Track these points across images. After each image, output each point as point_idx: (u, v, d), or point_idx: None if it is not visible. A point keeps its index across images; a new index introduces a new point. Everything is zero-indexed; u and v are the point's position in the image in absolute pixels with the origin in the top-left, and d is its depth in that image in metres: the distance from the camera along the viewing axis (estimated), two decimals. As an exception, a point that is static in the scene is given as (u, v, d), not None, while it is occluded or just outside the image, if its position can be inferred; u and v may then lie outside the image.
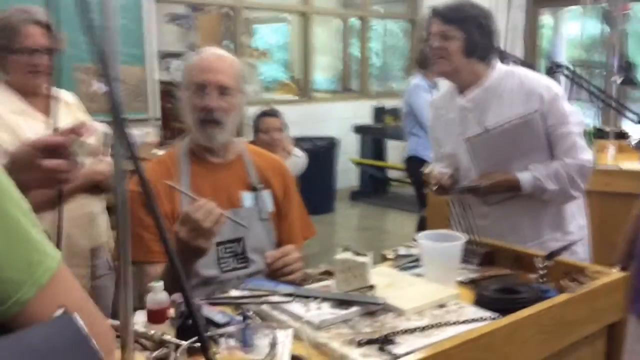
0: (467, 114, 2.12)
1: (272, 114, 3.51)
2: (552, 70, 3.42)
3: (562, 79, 3.75)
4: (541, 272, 1.49)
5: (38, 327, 0.62)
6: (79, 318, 0.62)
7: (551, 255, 1.55)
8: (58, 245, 1.21)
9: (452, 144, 2.19)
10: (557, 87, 2.08)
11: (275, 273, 1.66)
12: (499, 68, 2.11)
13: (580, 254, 2.12)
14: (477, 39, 2.01)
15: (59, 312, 0.86)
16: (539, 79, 2.09)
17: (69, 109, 2.30)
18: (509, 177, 2.04)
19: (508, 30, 4.68)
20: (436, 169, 2.20)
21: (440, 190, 2.16)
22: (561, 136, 2.04)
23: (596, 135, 3.79)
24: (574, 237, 2.14)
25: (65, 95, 2.31)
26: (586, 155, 2.06)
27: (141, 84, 4.93)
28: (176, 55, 7.12)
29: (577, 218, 2.20)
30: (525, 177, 2.03)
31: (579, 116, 2.12)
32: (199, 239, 1.52)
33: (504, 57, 3.83)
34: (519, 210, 2.11)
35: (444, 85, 2.28)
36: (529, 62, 4.59)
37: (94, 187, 2.23)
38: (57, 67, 1.18)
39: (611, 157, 3.41)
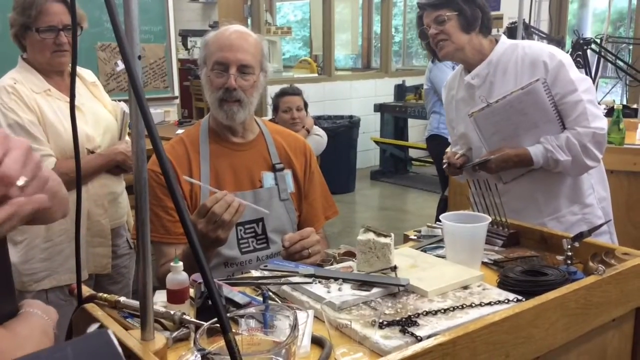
0: (474, 91, 2.10)
1: (293, 92, 3.49)
2: (579, 45, 3.33)
3: (589, 54, 3.65)
4: (568, 253, 1.46)
5: (73, 342, 0.61)
6: (112, 334, 0.61)
7: (578, 237, 1.51)
8: (77, 225, 1.20)
9: (463, 123, 2.17)
10: (561, 54, 2.04)
11: (292, 256, 1.65)
12: (503, 42, 2.09)
13: (603, 227, 2.07)
14: (468, 13, 2.01)
15: (94, 327, 0.84)
16: (542, 48, 2.06)
17: (90, 88, 2.29)
18: (520, 151, 2.01)
19: (533, 4, 4.55)
20: (450, 150, 2.19)
21: (452, 169, 2.16)
22: (570, 105, 1.99)
23: (623, 113, 3.70)
24: (593, 210, 2.12)
25: (86, 74, 2.31)
26: (598, 122, 2.00)
27: (162, 62, 4.92)
28: (196, 32, 7.11)
29: (596, 190, 2.16)
30: (536, 150, 2.00)
31: (588, 82, 2.06)
32: (218, 230, 1.53)
33: (529, 32, 3.75)
34: (535, 186, 2.10)
35: None
36: (556, 38, 4.47)
37: (115, 167, 2.23)
38: (78, 46, 1.16)
39: (639, 135, 3.32)
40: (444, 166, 2.19)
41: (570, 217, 2.10)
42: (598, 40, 3.67)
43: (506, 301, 1.30)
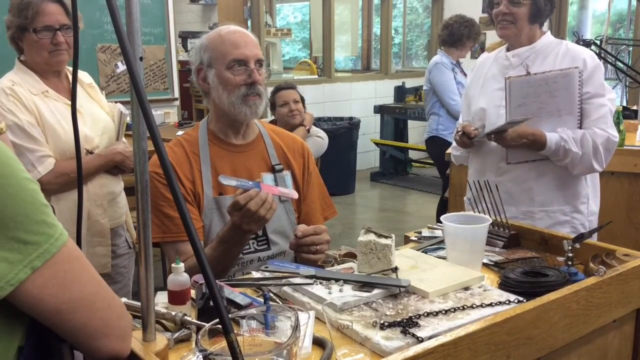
0: (508, 71, 2.19)
1: (287, 86, 3.52)
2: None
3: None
4: (569, 254, 1.46)
5: None
6: None
7: (579, 238, 1.51)
8: (79, 225, 1.21)
9: (486, 98, 2.24)
10: (599, 60, 2.16)
11: (300, 248, 1.68)
12: (549, 36, 2.20)
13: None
14: (542, 6, 2.10)
15: None
16: (584, 49, 2.19)
17: (87, 90, 2.30)
18: (536, 132, 2.07)
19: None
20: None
21: (464, 139, 2.22)
22: (595, 106, 2.08)
23: (623, 114, 3.70)
24: (582, 219, 2.19)
25: (83, 76, 2.31)
26: (614, 131, 2.11)
27: (162, 64, 4.92)
28: (196, 34, 7.10)
29: (590, 204, 2.23)
30: (551, 135, 2.07)
31: (614, 95, 2.18)
32: (252, 224, 1.57)
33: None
34: (536, 175, 2.16)
35: (468, 64, 2.30)
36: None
37: (114, 167, 2.24)
38: (77, 46, 1.16)
39: (639, 137, 3.32)
40: (459, 134, 2.23)
41: (559, 216, 2.16)
42: (598, 42, 3.67)
43: (507, 302, 1.30)
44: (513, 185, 2.16)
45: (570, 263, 1.45)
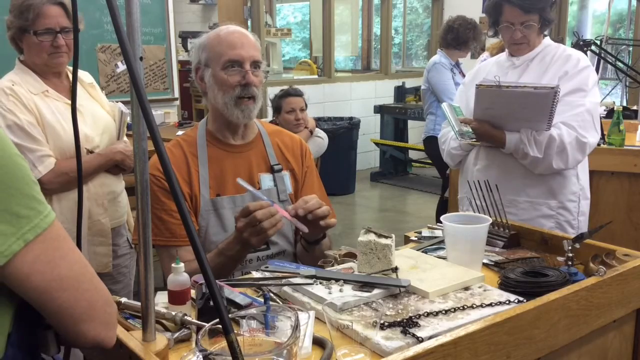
0: (508, 70, 2.25)
1: (296, 93, 3.50)
2: (579, 46, 3.33)
3: (589, 56, 3.65)
4: (569, 254, 1.46)
5: None
6: None
7: (579, 238, 1.51)
8: (79, 224, 1.21)
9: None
10: (590, 64, 2.20)
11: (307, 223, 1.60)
12: (549, 39, 2.27)
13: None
14: (550, 16, 2.17)
15: None
16: (580, 52, 2.25)
17: (88, 89, 2.30)
18: (498, 133, 2.12)
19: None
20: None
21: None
22: (572, 104, 2.09)
23: (623, 114, 3.70)
24: (568, 216, 2.21)
25: (83, 76, 2.32)
26: (585, 132, 2.09)
27: (162, 64, 4.92)
28: (196, 34, 7.09)
29: (581, 203, 2.24)
30: (512, 136, 2.11)
31: (598, 101, 2.20)
32: (253, 235, 1.55)
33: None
34: (508, 161, 2.19)
35: (468, 64, 2.32)
36: (556, 39, 4.47)
37: (114, 166, 2.24)
38: (77, 48, 1.16)
39: (639, 137, 3.32)
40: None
41: (545, 209, 2.18)
42: (598, 42, 3.67)
43: (507, 302, 1.30)
44: (499, 172, 2.19)
45: (570, 263, 1.45)
